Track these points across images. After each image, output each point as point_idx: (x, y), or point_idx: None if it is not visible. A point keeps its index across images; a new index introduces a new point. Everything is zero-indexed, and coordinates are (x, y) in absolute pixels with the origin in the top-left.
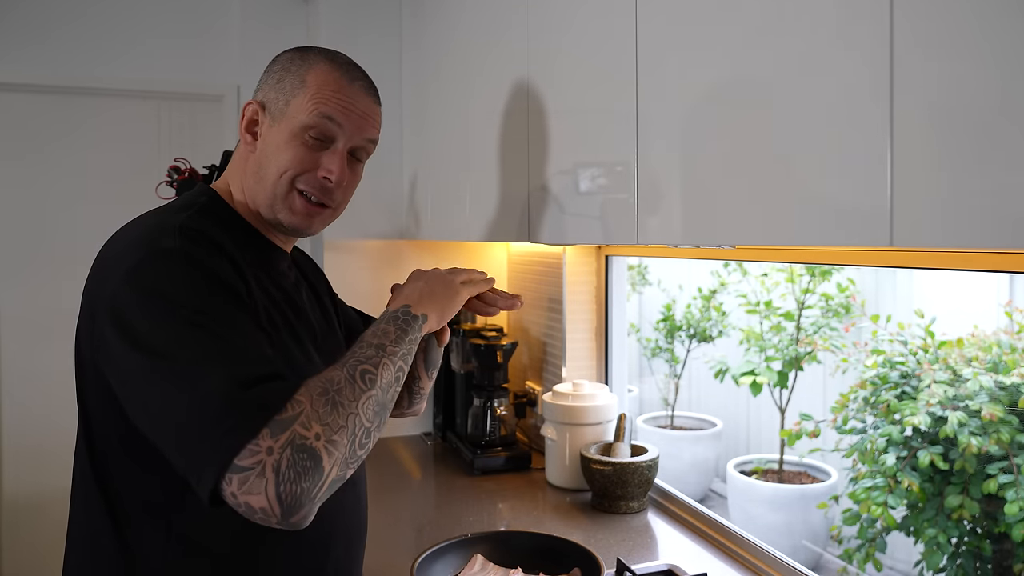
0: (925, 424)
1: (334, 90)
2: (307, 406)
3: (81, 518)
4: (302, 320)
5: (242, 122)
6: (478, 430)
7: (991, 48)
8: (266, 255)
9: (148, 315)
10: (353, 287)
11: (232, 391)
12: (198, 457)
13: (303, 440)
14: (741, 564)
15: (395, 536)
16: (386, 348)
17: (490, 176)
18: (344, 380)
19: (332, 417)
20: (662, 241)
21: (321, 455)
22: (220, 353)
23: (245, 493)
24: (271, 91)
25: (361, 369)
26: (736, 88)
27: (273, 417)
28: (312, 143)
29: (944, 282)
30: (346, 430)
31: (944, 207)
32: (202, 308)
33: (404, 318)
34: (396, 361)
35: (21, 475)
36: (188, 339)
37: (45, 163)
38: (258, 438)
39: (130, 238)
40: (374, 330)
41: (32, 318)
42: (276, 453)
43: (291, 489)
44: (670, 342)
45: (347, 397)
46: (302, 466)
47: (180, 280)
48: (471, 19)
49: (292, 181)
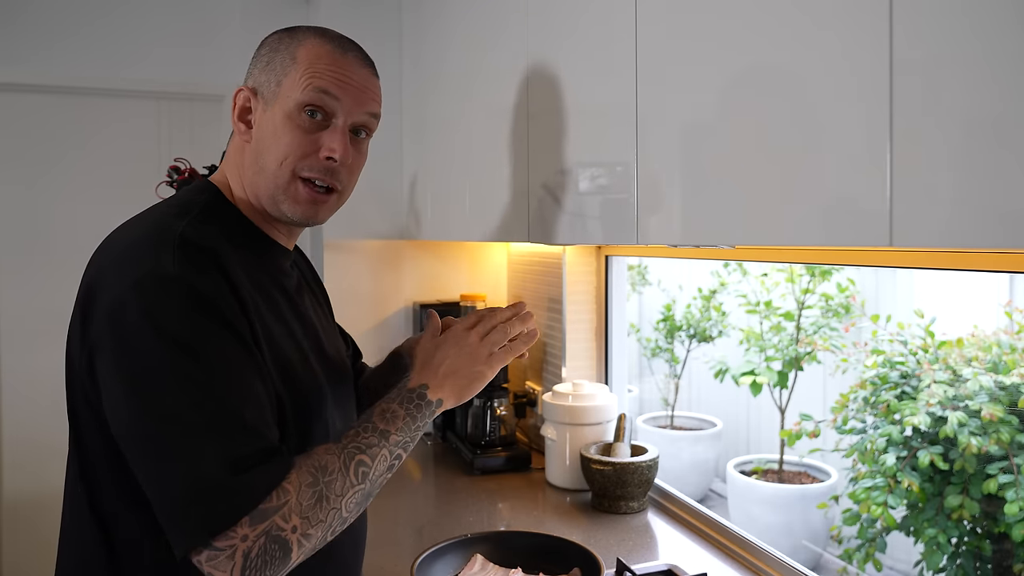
0: (925, 424)
1: (328, 63)
2: (292, 497)
3: (71, 518)
4: (305, 323)
5: (234, 111)
6: (478, 430)
7: (991, 49)
8: (268, 255)
9: (145, 351)
10: (353, 287)
11: (223, 474)
12: (178, 526)
13: (279, 532)
14: (741, 564)
15: (395, 536)
16: (389, 436)
17: (490, 176)
18: (337, 471)
19: (314, 511)
20: (662, 241)
21: (292, 547)
22: (216, 419)
23: (212, 567)
24: (261, 74)
25: (357, 460)
26: (736, 88)
27: (257, 506)
28: (309, 124)
29: (944, 282)
30: (324, 524)
31: (943, 207)
32: (201, 352)
33: (418, 402)
34: (395, 450)
35: (21, 475)
36: (184, 394)
37: (45, 163)
38: (237, 525)
39: (130, 244)
40: (382, 409)
41: (32, 318)
42: (250, 541)
43: (255, 575)
44: (670, 342)
45: (334, 491)
46: (271, 555)
47: (178, 316)
48: (471, 19)
49: (293, 169)
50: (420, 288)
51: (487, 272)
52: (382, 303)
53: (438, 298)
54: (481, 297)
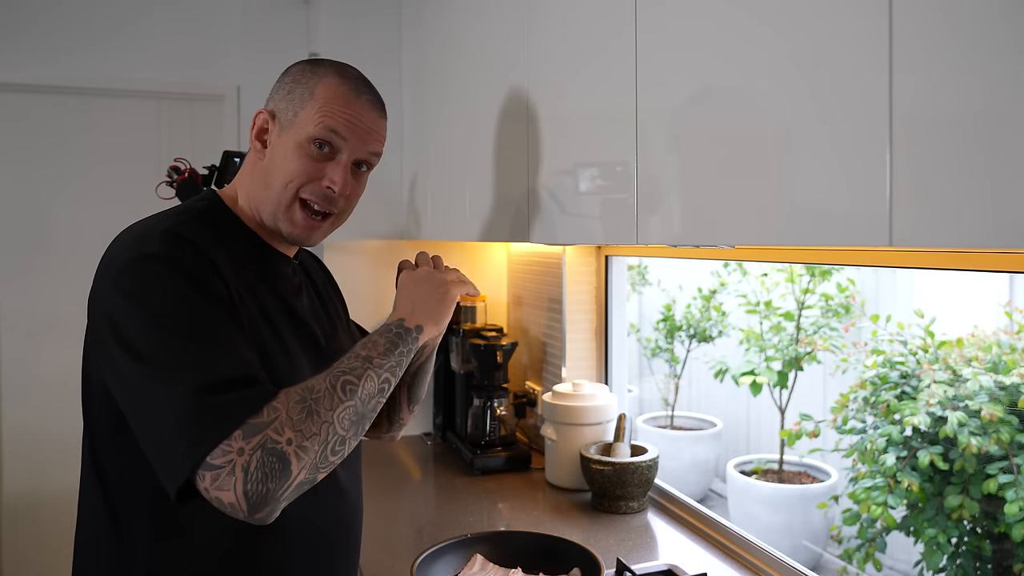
0: (925, 424)
1: (341, 104)
2: (283, 413)
3: (87, 519)
4: (299, 327)
5: (252, 130)
6: (478, 430)
7: (991, 49)
8: (265, 261)
9: (131, 320)
10: (353, 287)
11: (205, 395)
12: (172, 455)
13: (274, 444)
14: (741, 564)
15: (395, 536)
16: (373, 360)
17: (490, 176)
18: (324, 390)
19: (306, 424)
20: (662, 241)
21: (290, 459)
22: (196, 358)
23: (216, 489)
24: (281, 101)
25: (343, 380)
26: (736, 88)
27: (247, 420)
28: (317, 154)
29: (944, 282)
30: (318, 437)
31: (943, 207)
32: (181, 312)
33: (396, 330)
34: (382, 373)
35: (21, 475)
36: (166, 345)
37: (45, 163)
38: (231, 439)
39: (122, 244)
40: (364, 342)
41: (32, 318)
42: (247, 454)
43: (258, 488)
44: (670, 342)
45: (324, 406)
46: (270, 468)
47: (160, 285)
48: (471, 19)
49: (297, 191)
50: None
51: (487, 272)
52: (382, 303)
53: None
54: (481, 297)
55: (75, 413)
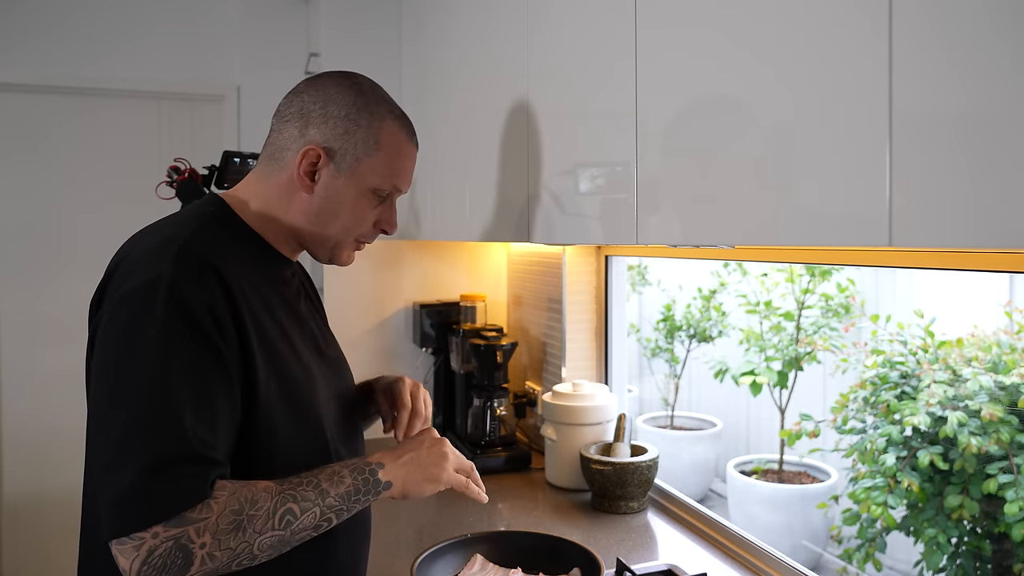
0: (925, 424)
1: (404, 159)
2: (213, 517)
3: (92, 527)
4: (302, 326)
5: (300, 163)
6: (478, 430)
7: (990, 50)
8: (271, 266)
9: (113, 355)
10: (353, 287)
11: (153, 474)
12: (106, 510)
13: (188, 543)
14: (741, 564)
15: (395, 536)
16: (327, 498)
17: (490, 176)
18: (264, 512)
19: (227, 537)
20: (661, 241)
21: (194, 561)
22: (156, 430)
23: (117, 550)
24: (337, 140)
25: (287, 507)
26: (736, 88)
27: (181, 512)
28: (376, 202)
29: (944, 282)
30: (231, 552)
31: (943, 207)
32: (165, 366)
33: (368, 476)
34: (328, 513)
35: (21, 475)
36: (137, 399)
37: (45, 163)
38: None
39: (137, 255)
40: (335, 470)
41: (32, 318)
42: (159, 539)
43: (151, 574)
44: (670, 342)
45: (254, 527)
46: (172, 561)
47: (155, 321)
48: (472, 19)
49: (356, 237)
50: (420, 288)
51: (487, 272)
52: (382, 303)
53: (438, 298)
54: (481, 297)
55: (75, 413)
